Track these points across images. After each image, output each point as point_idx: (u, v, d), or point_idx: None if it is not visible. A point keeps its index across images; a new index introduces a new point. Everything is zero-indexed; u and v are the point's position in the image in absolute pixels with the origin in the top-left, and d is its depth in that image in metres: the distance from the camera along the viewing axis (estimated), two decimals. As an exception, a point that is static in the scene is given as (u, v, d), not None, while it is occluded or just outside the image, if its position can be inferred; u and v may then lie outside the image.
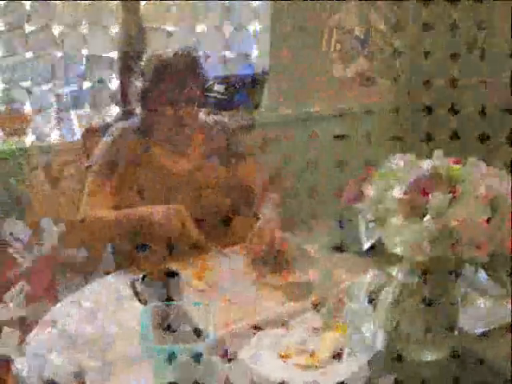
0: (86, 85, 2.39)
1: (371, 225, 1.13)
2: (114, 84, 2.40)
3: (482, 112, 2.48)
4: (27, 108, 2.24)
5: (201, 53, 1.72)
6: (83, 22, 2.35)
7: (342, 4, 2.71)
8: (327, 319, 1.21)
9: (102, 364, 1.13)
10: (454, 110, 2.33)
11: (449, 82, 2.65)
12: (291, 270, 1.48)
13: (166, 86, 1.59)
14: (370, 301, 1.21)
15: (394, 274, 1.29)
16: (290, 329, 1.21)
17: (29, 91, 2.30)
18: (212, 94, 1.76)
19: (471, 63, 2.91)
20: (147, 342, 1.09)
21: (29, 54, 2.34)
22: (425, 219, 1.01)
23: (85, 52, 2.32)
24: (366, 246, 1.57)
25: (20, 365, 1.16)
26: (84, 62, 2.32)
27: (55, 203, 2.12)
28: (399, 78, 2.83)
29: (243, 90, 2.53)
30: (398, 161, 1.15)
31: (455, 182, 1.04)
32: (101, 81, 2.38)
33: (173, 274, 1.28)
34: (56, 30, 2.27)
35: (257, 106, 2.62)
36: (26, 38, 2.20)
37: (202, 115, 1.79)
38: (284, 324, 1.24)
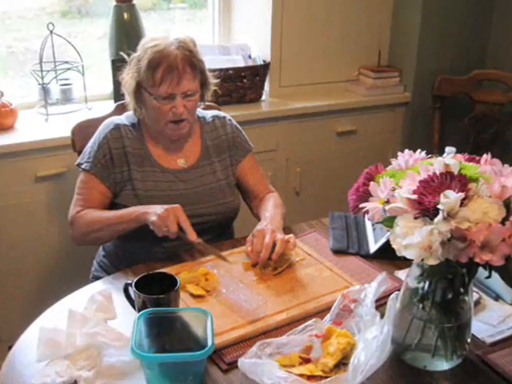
0: (77, 78, 2.34)
1: (379, 226, 1.08)
2: (106, 77, 2.34)
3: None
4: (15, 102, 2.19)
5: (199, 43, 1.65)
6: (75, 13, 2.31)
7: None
8: (332, 326, 1.17)
9: (93, 374, 1.09)
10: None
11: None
12: (293, 274, 1.43)
13: (162, 78, 1.53)
14: (378, 306, 1.17)
15: (402, 278, 1.25)
16: (293, 336, 1.17)
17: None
18: (210, 88, 1.69)
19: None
20: (141, 351, 1.04)
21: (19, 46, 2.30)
22: (435, 220, 0.96)
23: (75, 43, 2.28)
24: (374, 248, 1.53)
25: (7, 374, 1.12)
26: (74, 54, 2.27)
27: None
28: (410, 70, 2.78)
29: (243, 83, 2.48)
30: (408, 158, 1.10)
31: (468, 181, 0.99)
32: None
33: (169, 278, 1.23)
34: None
35: (257, 100, 2.56)
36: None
37: (199, 110, 1.74)
38: (286, 331, 1.19)
